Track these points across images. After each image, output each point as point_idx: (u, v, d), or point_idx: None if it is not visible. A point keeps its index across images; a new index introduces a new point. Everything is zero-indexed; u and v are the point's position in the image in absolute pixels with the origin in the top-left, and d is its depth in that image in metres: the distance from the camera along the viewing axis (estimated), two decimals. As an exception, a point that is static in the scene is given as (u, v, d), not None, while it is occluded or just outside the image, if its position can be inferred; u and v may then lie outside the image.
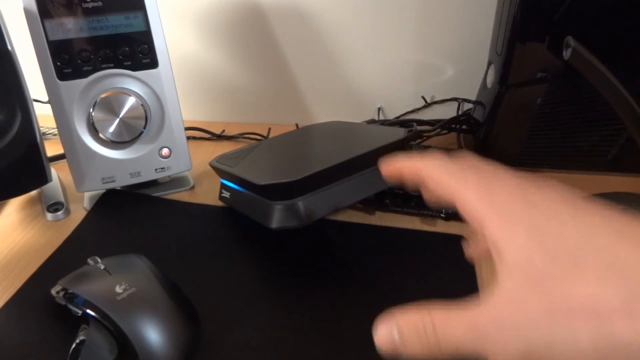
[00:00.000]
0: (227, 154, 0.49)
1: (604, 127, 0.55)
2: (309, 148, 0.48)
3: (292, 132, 0.56)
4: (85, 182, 0.52)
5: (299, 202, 0.38)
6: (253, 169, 0.44)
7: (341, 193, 0.41)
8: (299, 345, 0.36)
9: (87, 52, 0.48)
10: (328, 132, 0.52)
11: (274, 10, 0.69)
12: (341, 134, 0.50)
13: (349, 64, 0.73)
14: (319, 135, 0.52)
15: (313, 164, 0.40)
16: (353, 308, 0.39)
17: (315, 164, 0.39)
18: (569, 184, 0.62)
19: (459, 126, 0.68)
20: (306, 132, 0.55)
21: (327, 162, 0.39)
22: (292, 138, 0.52)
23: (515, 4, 0.50)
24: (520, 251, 0.17)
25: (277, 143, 0.52)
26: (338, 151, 0.43)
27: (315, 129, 0.55)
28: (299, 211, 0.38)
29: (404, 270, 0.43)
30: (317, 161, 0.41)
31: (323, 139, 0.50)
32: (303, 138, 0.52)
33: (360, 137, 0.48)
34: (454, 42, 0.69)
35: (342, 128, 0.53)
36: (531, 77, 0.54)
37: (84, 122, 0.50)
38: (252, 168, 0.44)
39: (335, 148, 0.46)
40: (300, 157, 0.45)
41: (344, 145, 0.46)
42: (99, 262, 0.40)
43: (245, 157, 0.47)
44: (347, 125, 0.54)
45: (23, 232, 0.51)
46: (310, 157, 0.45)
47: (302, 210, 0.38)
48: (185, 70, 0.76)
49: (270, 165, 0.45)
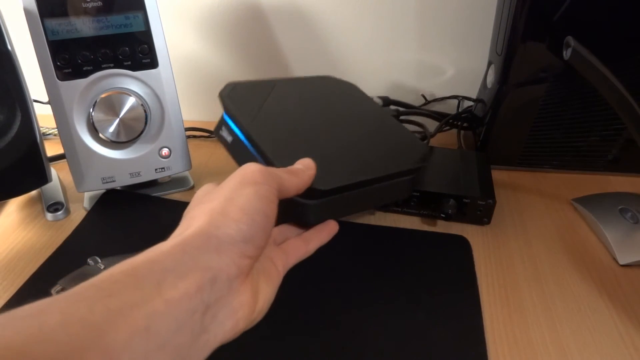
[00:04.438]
0: (239, 86, 0.43)
1: (604, 127, 0.55)
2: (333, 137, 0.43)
3: (313, 81, 0.50)
4: (85, 182, 0.52)
5: (311, 203, 0.35)
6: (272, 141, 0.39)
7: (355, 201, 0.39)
8: (298, 345, 0.36)
9: (87, 52, 0.48)
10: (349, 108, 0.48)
11: (274, 10, 0.69)
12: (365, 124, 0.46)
13: (349, 63, 0.73)
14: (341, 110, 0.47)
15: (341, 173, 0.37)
16: (353, 308, 0.39)
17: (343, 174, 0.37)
18: (569, 183, 0.62)
19: (460, 123, 0.68)
20: (326, 91, 0.50)
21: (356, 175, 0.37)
22: (312, 97, 0.47)
23: (515, 4, 0.50)
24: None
25: (296, 96, 0.46)
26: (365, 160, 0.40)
27: (336, 92, 0.50)
28: (309, 212, 0.35)
29: (404, 270, 0.43)
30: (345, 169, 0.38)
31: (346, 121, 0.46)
32: (325, 104, 0.47)
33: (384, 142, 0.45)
34: (454, 42, 0.69)
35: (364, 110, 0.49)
36: (531, 77, 0.54)
37: (84, 122, 0.50)
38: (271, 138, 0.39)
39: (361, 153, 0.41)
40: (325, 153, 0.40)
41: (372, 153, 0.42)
42: (99, 262, 0.40)
43: (262, 106, 0.42)
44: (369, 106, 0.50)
45: (23, 232, 0.51)
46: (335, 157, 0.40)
47: (312, 211, 0.36)
48: (185, 70, 0.76)
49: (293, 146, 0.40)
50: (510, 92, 0.55)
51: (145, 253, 0.23)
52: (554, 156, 0.59)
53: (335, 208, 0.38)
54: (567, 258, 0.46)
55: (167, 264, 0.22)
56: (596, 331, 0.38)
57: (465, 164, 0.54)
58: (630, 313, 0.39)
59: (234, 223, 0.24)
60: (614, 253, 0.45)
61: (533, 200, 0.55)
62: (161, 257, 0.23)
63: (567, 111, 0.55)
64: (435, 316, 0.38)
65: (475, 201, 0.48)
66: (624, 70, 0.49)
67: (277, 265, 0.30)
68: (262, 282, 0.28)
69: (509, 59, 0.53)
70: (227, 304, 0.24)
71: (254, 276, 0.27)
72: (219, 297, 0.23)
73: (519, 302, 0.40)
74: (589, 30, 0.49)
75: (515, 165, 0.60)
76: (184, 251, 0.23)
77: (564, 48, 0.40)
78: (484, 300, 0.40)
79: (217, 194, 0.27)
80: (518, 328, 0.38)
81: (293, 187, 0.30)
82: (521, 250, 0.47)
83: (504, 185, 0.58)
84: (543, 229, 0.50)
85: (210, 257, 0.23)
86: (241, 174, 0.27)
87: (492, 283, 0.42)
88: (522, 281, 0.43)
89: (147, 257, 0.23)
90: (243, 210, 0.25)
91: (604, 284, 0.42)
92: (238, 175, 0.28)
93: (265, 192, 0.27)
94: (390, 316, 0.38)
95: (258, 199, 0.26)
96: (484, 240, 0.48)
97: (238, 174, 0.28)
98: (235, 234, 0.24)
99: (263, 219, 0.26)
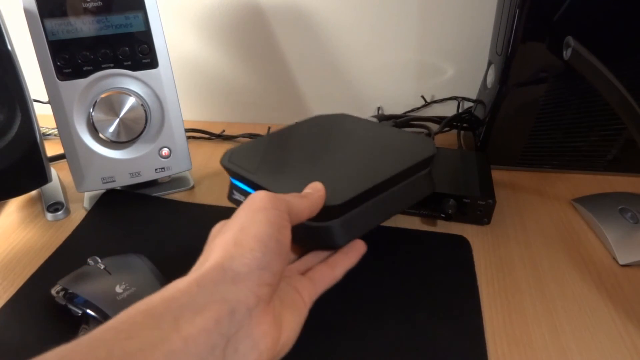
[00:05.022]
0: (237, 150, 0.44)
1: (604, 127, 0.55)
2: (335, 156, 0.43)
3: (303, 125, 0.51)
4: (85, 182, 0.52)
5: (334, 223, 0.35)
6: (279, 179, 0.40)
7: (376, 210, 0.38)
8: (298, 345, 0.36)
9: (87, 52, 0.48)
10: (346, 131, 0.48)
11: (274, 10, 0.69)
12: (364, 139, 0.46)
13: (349, 63, 0.73)
14: (338, 135, 0.48)
15: (351, 184, 0.37)
16: (352, 308, 0.39)
17: (354, 184, 0.36)
18: (569, 183, 0.62)
19: (460, 124, 0.68)
20: (320, 126, 0.51)
21: (366, 182, 0.37)
22: (307, 135, 0.49)
23: (515, 4, 0.50)
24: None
25: (293, 140, 0.48)
26: (373, 166, 0.39)
27: (329, 124, 0.51)
28: (334, 233, 0.35)
29: (404, 270, 0.43)
30: (354, 179, 0.38)
31: (346, 142, 0.46)
32: (320, 137, 0.48)
33: (388, 147, 0.44)
34: (454, 42, 0.69)
35: (360, 127, 0.48)
36: (531, 77, 0.54)
37: (84, 122, 0.50)
38: (277, 178, 0.40)
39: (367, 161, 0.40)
40: (331, 171, 0.40)
41: (377, 159, 0.41)
42: (99, 262, 0.40)
43: (262, 157, 0.43)
44: (363, 124, 0.50)
45: (23, 232, 0.51)
46: (343, 172, 0.40)
47: (337, 231, 0.35)
48: (185, 70, 0.76)
49: (299, 176, 0.40)
50: (510, 92, 0.55)
51: (161, 291, 0.23)
52: (554, 156, 0.59)
53: (359, 222, 0.37)
54: (567, 258, 0.46)
55: (184, 300, 0.22)
56: (596, 331, 0.38)
57: (465, 164, 0.54)
58: (630, 313, 0.39)
59: (248, 252, 0.24)
60: (614, 253, 0.45)
61: (533, 200, 0.55)
62: (177, 294, 0.22)
63: (567, 111, 0.55)
64: (435, 316, 0.38)
65: (475, 201, 0.48)
66: (624, 70, 0.49)
67: (303, 296, 0.30)
68: (286, 313, 0.27)
69: (509, 59, 0.53)
70: (249, 335, 0.23)
71: (277, 306, 0.27)
72: (239, 329, 0.23)
73: (519, 302, 0.40)
74: (589, 30, 0.49)
75: (515, 165, 0.60)
76: (200, 286, 0.23)
77: (564, 48, 0.40)
78: (484, 300, 0.40)
79: (230, 225, 0.27)
80: (518, 328, 0.38)
81: (305, 210, 0.30)
82: (521, 250, 0.47)
83: (504, 185, 0.58)
84: (543, 229, 0.50)
85: (227, 289, 0.23)
86: (250, 203, 0.28)
87: (492, 283, 0.42)
88: (522, 281, 0.43)
89: (164, 296, 0.22)
90: (255, 238, 0.25)
91: (604, 284, 0.42)
92: (247, 204, 0.28)
93: (275, 217, 0.27)
94: (390, 316, 0.38)
95: (269, 225, 0.26)
96: (484, 240, 0.48)
97: (247, 202, 0.28)
98: (250, 262, 0.24)
99: (276, 245, 0.25)
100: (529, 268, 0.44)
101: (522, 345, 0.36)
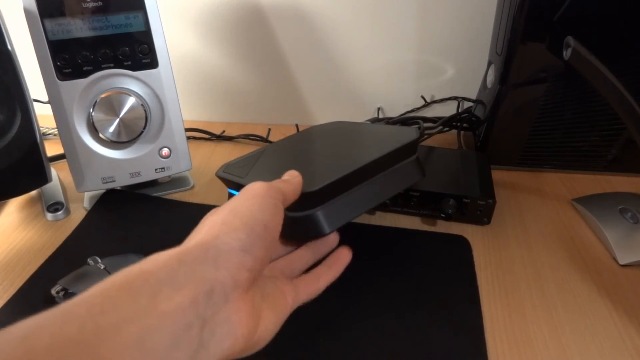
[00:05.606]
0: (232, 162, 0.47)
1: (604, 127, 0.55)
2: (320, 153, 0.46)
3: (297, 135, 0.54)
4: (85, 182, 0.52)
5: (318, 212, 0.36)
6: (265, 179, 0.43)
7: (361, 198, 0.39)
8: (298, 344, 0.36)
9: (87, 52, 0.48)
10: (335, 134, 0.50)
11: (274, 11, 0.69)
12: (350, 136, 0.48)
13: (349, 63, 0.73)
14: (327, 138, 0.50)
15: (330, 171, 0.38)
16: (352, 308, 0.39)
17: (333, 171, 0.38)
18: (569, 183, 0.62)
19: (460, 124, 0.68)
20: (312, 135, 0.53)
21: (345, 168, 0.37)
22: (298, 142, 0.51)
23: (515, 4, 0.50)
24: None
25: (284, 148, 0.50)
26: (353, 155, 0.41)
27: (321, 131, 0.53)
28: (319, 221, 0.36)
29: (404, 270, 0.43)
30: (334, 168, 0.39)
31: (332, 142, 0.48)
32: (310, 142, 0.50)
33: (371, 138, 0.46)
34: (454, 42, 0.69)
35: (349, 129, 0.51)
36: (531, 77, 0.54)
37: (84, 122, 0.50)
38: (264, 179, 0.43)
39: (349, 152, 0.43)
40: (314, 164, 0.43)
41: (358, 149, 0.44)
42: (99, 262, 0.40)
43: (253, 165, 0.45)
44: (353, 126, 0.52)
45: (23, 232, 0.51)
46: (324, 163, 0.42)
47: (322, 219, 0.36)
48: (185, 70, 0.76)
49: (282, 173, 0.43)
50: (510, 92, 0.55)
51: (140, 264, 0.22)
52: (554, 156, 0.59)
53: (344, 210, 0.37)
54: (567, 258, 0.46)
55: (162, 275, 0.22)
56: (596, 331, 0.38)
57: (465, 164, 0.54)
58: (630, 313, 0.39)
59: (233, 232, 0.25)
60: (614, 253, 0.45)
61: (533, 200, 0.55)
62: (156, 268, 0.22)
63: (567, 111, 0.55)
64: (435, 316, 0.38)
65: (475, 201, 0.48)
66: (624, 70, 0.49)
67: (287, 298, 0.30)
68: (266, 307, 0.27)
69: (509, 59, 0.53)
70: (225, 320, 0.23)
71: (257, 299, 0.27)
72: (215, 311, 0.23)
73: (519, 302, 0.40)
74: (589, 30, 0.49)
75: (515, 165, 0.60)
76: (181, 262, 0.23)
77: (564, 48, 0.40)
78: (484, 300, 0.40)
79: (222, 208, 0.27)
80: (518, 328, 0.38)
81: (290, 193, 0.31)
82: (521, 250, 0.47)
83: (504, 185, 0.58)
84: (543, 229, 0.50)
85: (207, 268, 0.23)
86: (246, 189, 0.28)
87: (492, 283, 0.42)
88: (522, 281, 0.43)
89: (142, 269, 0.22)
90: (242, 220, 0.25)
91: (604, 284, 0.42)
92: (243, 191, 0.28)
93: (268, 204, 0.27)
94: (390, 316, 0.38)
95: (260, 211, 0.26)
96: (484, 240, 0.48)
97: (243, 190, 0.29)
98: (233, 242, 0.24)
99: (262, 230, 0.26)
100: (529, 268, 0.44)
101: (522, 345, 0.36)
